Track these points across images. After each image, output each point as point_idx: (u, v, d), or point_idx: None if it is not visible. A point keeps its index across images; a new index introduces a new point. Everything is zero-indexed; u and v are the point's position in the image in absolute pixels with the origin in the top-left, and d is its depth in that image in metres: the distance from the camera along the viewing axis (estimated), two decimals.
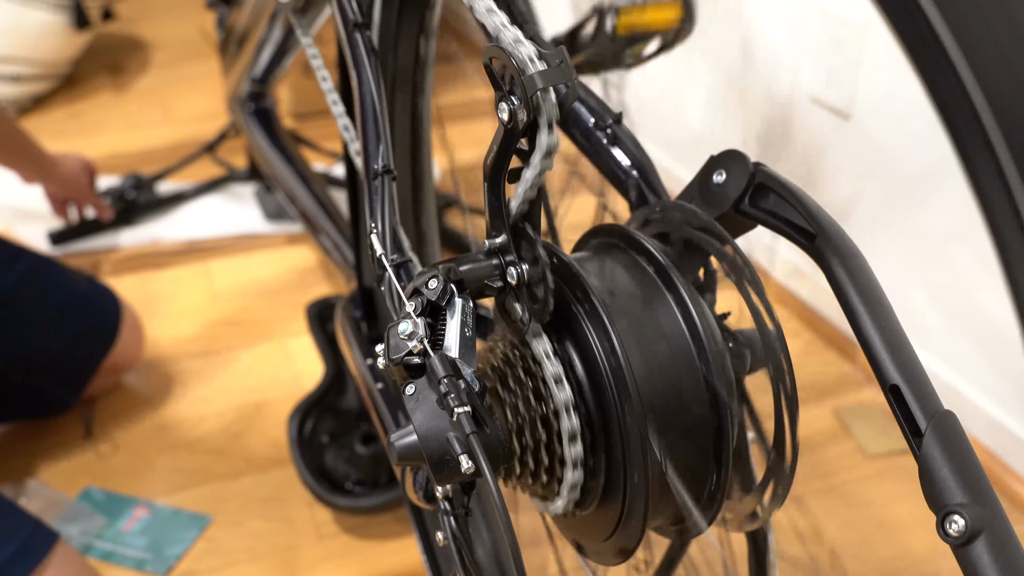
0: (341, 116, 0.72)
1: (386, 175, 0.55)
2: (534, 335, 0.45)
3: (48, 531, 0.93)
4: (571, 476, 0.45)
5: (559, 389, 0.44)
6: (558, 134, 0.40)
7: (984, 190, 0.31)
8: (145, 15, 2.69)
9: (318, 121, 2.04)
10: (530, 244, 0.44)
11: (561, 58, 0.39)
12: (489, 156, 0.43)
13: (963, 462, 0.36)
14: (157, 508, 1.16)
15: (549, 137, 0.40)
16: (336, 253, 1.34)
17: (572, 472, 0.45)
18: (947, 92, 0.31)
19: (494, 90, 0.41)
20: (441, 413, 0.42)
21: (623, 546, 0.47)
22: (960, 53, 0.30)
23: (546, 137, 0.40)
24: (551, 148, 0.40)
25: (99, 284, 1.33)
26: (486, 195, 0.44)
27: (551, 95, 0.39)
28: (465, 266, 0.45)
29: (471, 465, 0.40)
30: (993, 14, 0.31)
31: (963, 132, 0.31)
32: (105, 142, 2.05)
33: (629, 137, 0.57)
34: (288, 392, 1.32)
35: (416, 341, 0.43)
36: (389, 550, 1.11)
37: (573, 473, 0.45)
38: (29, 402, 1.26)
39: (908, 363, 0.38)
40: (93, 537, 1.12)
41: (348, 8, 0.67)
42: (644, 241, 0.47)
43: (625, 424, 0.43)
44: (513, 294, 0.45)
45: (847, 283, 0.40)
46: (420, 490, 0.49)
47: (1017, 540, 0.35)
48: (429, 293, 0.44)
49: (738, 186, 0.46)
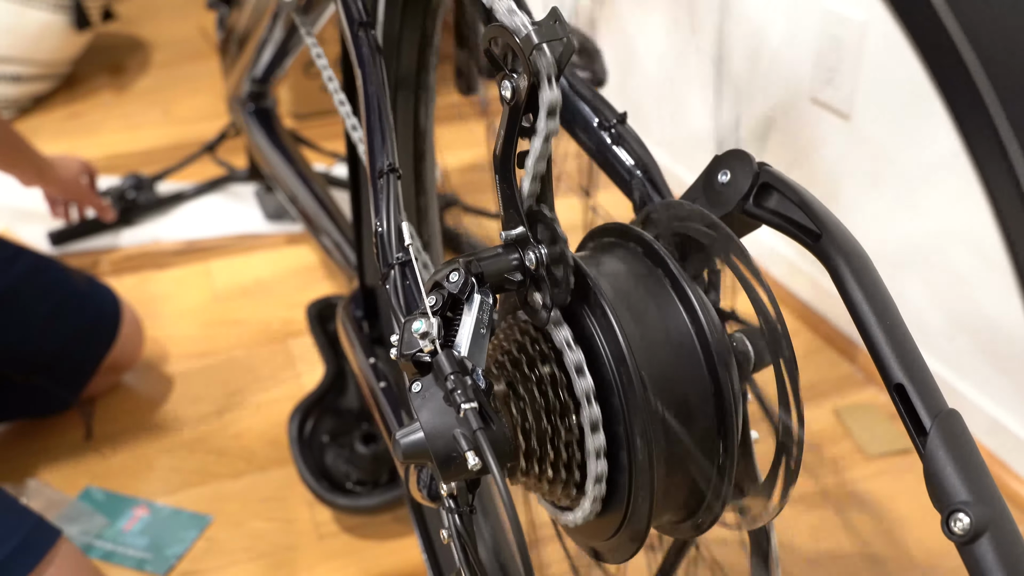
0: (349, 116, 0.72)
1: (391, 174, 0.56)
2: (555, 324, 0.45)
3: (50, 528, 0.93)
4: (595, 467, 0.45)
5: (580, 377, 0.44)
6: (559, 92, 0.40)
7: (992, 187, 0.31)
8: (145, 15, 2.69)
9: (318, 121, 2.04)
10: (546, 225, 0.44)
11: (556, 17, 0.39)
12: (497, 144, 0.43)
13: (968, 460, 0.36)
14: (157, 508, 1.16)
15: (551, 93, 0.40)
16: (337, 253, 1.34)
17: (597, 462, 0.45)
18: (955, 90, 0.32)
19: (496, 72, 0.42)
20: (448, 410, 0.42)
21: (634, 532, 0.46)
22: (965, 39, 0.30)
23: (548, 94, 0.40)
24: (554, 105, 0.40)
25: (99, 284, 1.33)
26: (498, 186, 0.44)
27: (547, 51, 0.40)
28: (485, 260, 0.45)
29: (478, 461, 0.40)
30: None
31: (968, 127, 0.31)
32: (105, 142, 2.05)
33: (633, 137, 0.57)
34: (288, 392, 1.33)
35: (428, 341, 0.43)
36: (389, 550, 1.11)
37: (598, 463, 0.45)
38: (29, 402, 1.26)
39: (913, 362, 0.38)
40: (93, 537, 1.12)
41: (353, 6, 0.67)
42: (645, 236, 0.47)
43: (628, 410, 0.43)
44: (533, 284, 0.45)
45: (852, 283, 0.40)
46: (424, 488, 0.49)
47: (1021, 539, 0.35)
48: (450, 286, 0.45)
49: (742, 186, 0.46)
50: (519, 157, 0.43)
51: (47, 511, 1.13)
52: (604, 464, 0.45)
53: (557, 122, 0.41)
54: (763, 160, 0.47)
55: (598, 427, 0.44)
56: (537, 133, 0.42)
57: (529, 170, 0.43)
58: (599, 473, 0.45)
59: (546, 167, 0.43)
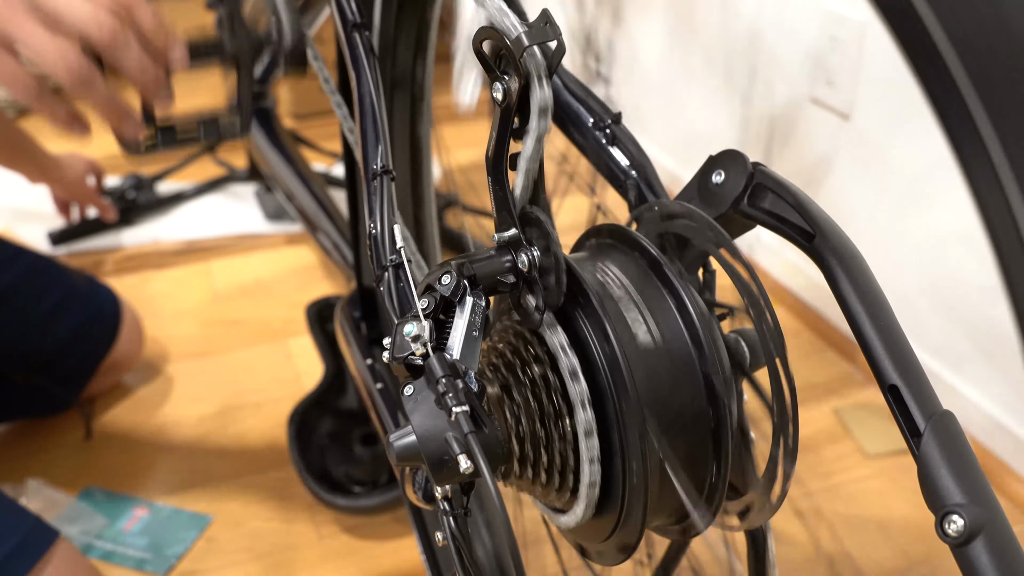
0: (346, 118, 0.72)
1: (385, 175, 0.55)
2: (549, 327, 0.45)
3: (48, 528, 0.93)
4: (589, 472, 0.45)
5: (575, 382, 0.44)
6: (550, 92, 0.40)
7: (980, 192, 0.31)
8: None
9: (318, 121, 2.04)
10: (539, 227, 0.44)
11: (546, 19, 0.39)
12: (489, 145, 0.43)
13: (962, 462, 0.36)
14: (157, 508, 1.16)
15: (542, 93, 0.40)
16: (336, 253, 1.34)
17: (590, 467, 0.45)
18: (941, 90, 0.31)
19: (487, 75, 0.42)
20: (440, 413, 0.42)
21: (624, 543, 0.47)
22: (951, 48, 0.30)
23: (539, 94, 0.40)
24: (545, 105, 0.40)
25: (98, 283, 1.33)
26: (491, 188, 0.44)
27: (537, 52, 0.40)
28: (478, 262, 0.45)
29: (470, 465, 0.40)
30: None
31: (958, 135, 0.31)
32: (105, 142, 2.04)
33: (628, 137, 0.57)
34: (288, 392, 1.33)
35: (419, 344, 0.43)
36: (389, 550, 1.11)
37: (591, 468, 0.45)
38: (29, 402, 1.26)
39: (907, 363, 0.38)
40: (93, 537, 1.12)
41: (347, 8, 0.67)
42: (637, 237, 0.47)
43: (623, 416, 0.43)
44: (526, 286, 0.45)
45: (846, 283, 0.40)
46: (419, 490, 0.49)
47: (1016, 540, 0.35)
48: (443, 289, 0.45)
49: (736, 186, 0.46)
50: (511, 159, 0.43)
51: (47, 511, 1.13)
52: (598, 469, 0.45)
53: (548, 123, 0.41)
54: (762, 160, 0.47)
55: (592, 432, 0.44)
56: (528, 135, 0.41)
57: (521, 172, 0.43)
58: (592, 479, 0.45)
59: (538, 168, 0.43)
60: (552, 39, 0.39)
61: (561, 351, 0.44)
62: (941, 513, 0.35)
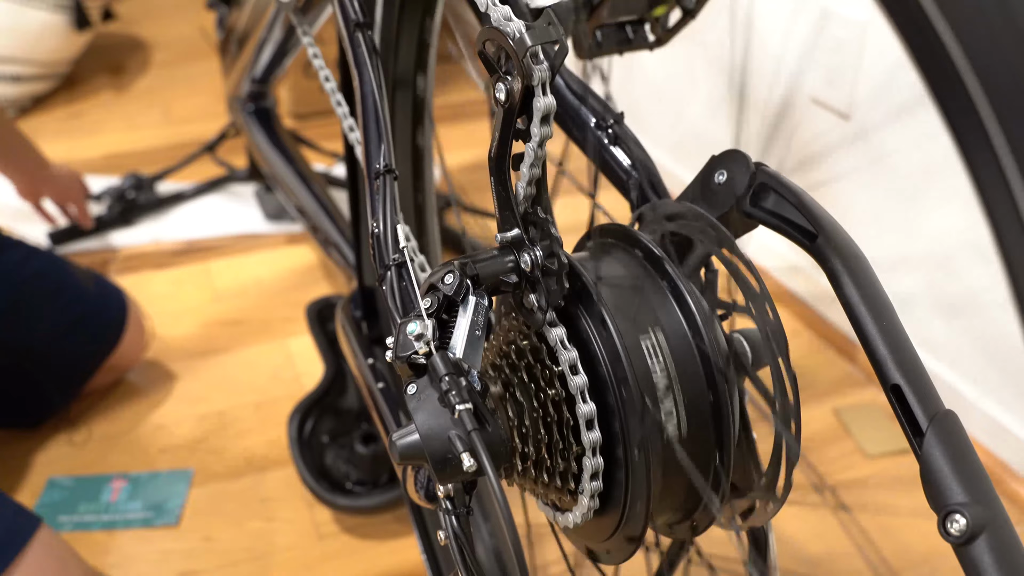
0: (346, 117, 0.72)
1: (388, 175, 0.55)
2: (549, 324, 0.45)
3: (30, 515, 0.93)
4: (591, 464, 0.45)
5: (574, 375, 0.44)
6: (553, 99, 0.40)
7: (985, 189, 0.31)
8: (145, 15, 2.68)
9: (318, 121, 2.04)
10: (541, 227, 0.44)
11: (549, 19, 0.39)
12: (492, 146, 0.43)
13: (964, 461, 0.36)
14: (134, 476, 1.19)
15: (544, 100, 0.40)
16: (336, 253, 1.34)
17: (592, 459, 0.45)
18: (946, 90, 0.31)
19: (490, 75, 0.41)
20: (443, 411, 0.42)
21: (631, 534, 0.46)
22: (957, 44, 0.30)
23: (541, 101, 0.40)
24: (548, 111, 0.40)
25: (107, 284, 1.34)
26: (494, 188, 0.44)
27: (541, 55, 0.39)
28: (481, 262, 0.45)
29: (473, 463, 0.40)
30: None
31: (962, 130, 0.31)
32: (105, 142, 2.05)
33: (630, 137, 0.57)
34: (288, 392, 1.32)
35: (423, 343, 0.43)
36: (389, 550, 1.11)
37: (593, 460, 0.45)
38: (27, 402, 1.26)
39: (909, 363, 0.38)
40: (83, 515, 1.13)
41: (349, 7, 0.67)
42: (641, 237, 0.47)
43: (623, 404, 0.43)
44: (528, 286, 0.45)
45: (848, 283, 0.40)
46: (421, 489, 0.49)
47: (1018, 539, 0.35)
48: (446, 288, 0.45)
49: (739, 186, 0.46)
50: (514, 159, 0.43)
51: None
52: (600, 461, 0.45)
53: (551, 125, 0.41)
54: (763, 160, 0.47)
55: (593, 424, 0.44)
56: (531, 136, 0.41)
57: (524, 174, 0.43)
58: (595, 470, 0.45)
59: (541, 169, 0.43)
60: (555, 39, 0.39)
61: (561, 346, 0.45)
62: (943, 512, 0.35)
